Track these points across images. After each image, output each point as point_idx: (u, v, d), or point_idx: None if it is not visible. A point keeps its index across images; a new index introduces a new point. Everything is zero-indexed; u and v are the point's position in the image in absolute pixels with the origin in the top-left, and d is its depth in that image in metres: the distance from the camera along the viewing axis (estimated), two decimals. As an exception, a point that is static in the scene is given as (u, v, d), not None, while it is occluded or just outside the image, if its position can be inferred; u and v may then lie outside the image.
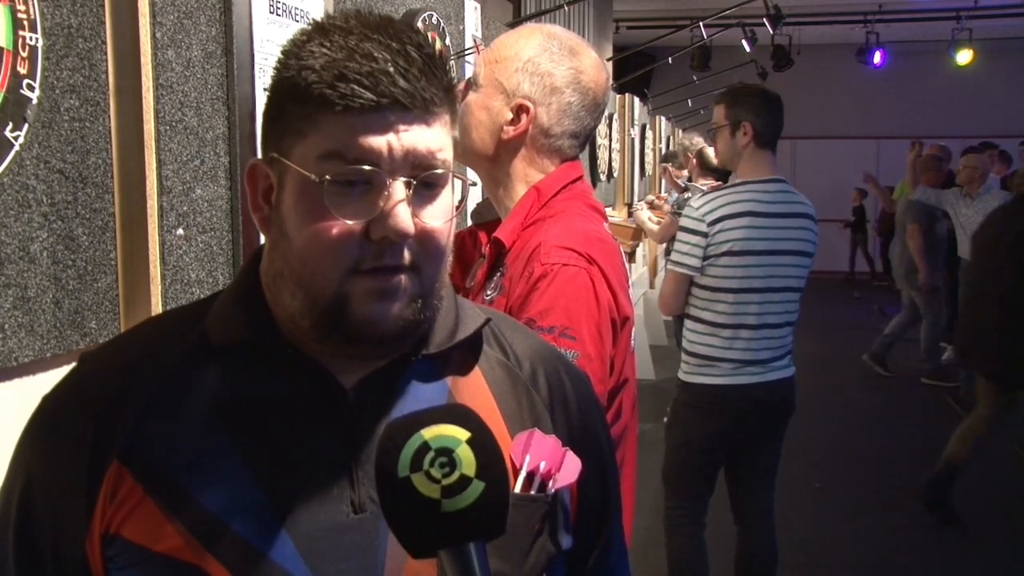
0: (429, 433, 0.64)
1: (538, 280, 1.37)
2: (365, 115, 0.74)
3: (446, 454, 0.63)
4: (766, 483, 3.03)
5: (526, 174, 1.52)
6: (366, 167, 0.74)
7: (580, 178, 1.53)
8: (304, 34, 0.78)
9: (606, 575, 0.96)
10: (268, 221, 0.81)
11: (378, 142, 0.74)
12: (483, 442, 0.65)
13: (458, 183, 0.82)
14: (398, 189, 0.75)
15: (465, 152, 1.53)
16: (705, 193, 2.96)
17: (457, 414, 0.66)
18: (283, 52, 0.78)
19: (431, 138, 0.77)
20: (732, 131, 2.90)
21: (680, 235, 2.86)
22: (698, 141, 5.64)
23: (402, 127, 0.75)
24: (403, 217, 0.74)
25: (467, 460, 0.63)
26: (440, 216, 0.79)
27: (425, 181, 0.77)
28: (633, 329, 1.48)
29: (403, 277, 0.77)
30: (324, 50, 0.75)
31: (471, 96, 1.53)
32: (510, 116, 1.48)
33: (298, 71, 0.75)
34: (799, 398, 2.96)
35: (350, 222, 0.75)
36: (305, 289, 0.77)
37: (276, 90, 0.78)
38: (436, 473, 0.63)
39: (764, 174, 2.88)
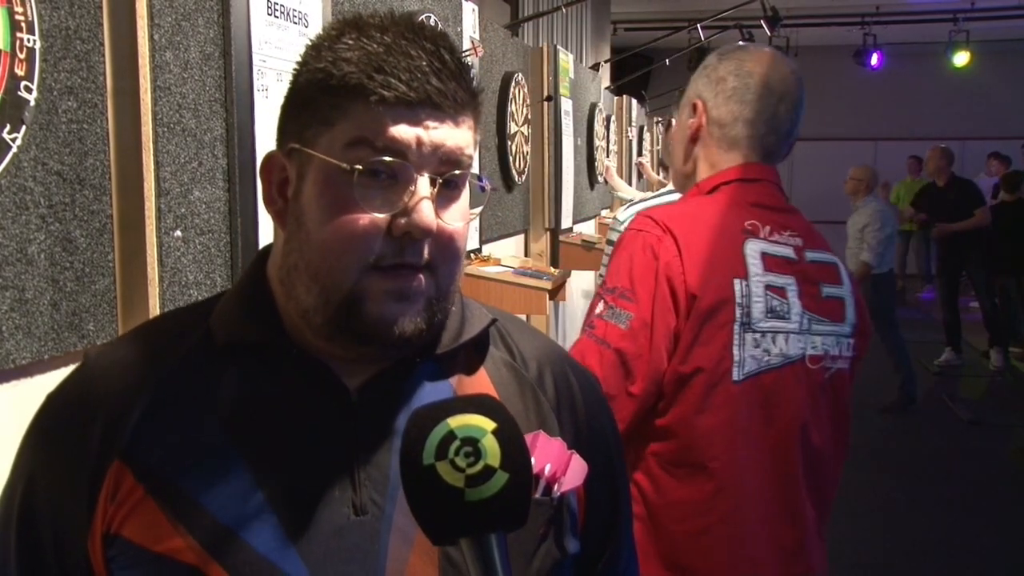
0: (455, 422, 0.64)
1: (616, 244, 1.48)
2: (397, 108, 0.74)
3: (471, 443, 0.63)
4: None
5: (705, 176, 1.56)
6: (393, 158, 0.74)
7: (749, 180, 1.51)
8: (335, 29, 0.78)
9: None
10: (283, 214, 0.80)
11: (407, 134, 0.74)
12: (508, 433, 0.65)
13: (478, 187, 0.83)
14: (423, 185, 0.75)
15: (673, 177, 1.66)
16: (632, 204, 2.89)
17: (484, 404, 0.66)
18: (311, 46, 0.78)
19: (459, 137, 0.77)
20: (666, 131, 2.88)
21: (608, 248, 2.79)
22: None
23: (432, 124, 0.75)
24: (427, 213, 0.74)
25: (492, 450, 0.63)
26: (460, 217, 0.79)
27: (449, 180, 0.77)
28: (736, 327, 1.41)
29: (421, 278, 0.76)
30: (362, 43, 0.75)
31: (674, 131, 1.66)
32: (691, 119, 1.58)
33: (333, 62, 0.75)
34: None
35: (376, 215, 0.74)
36: (321, 283, 0.76)
37: (303, 81, 0.78)
38: (461, 462, 0.63)
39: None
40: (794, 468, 1.46)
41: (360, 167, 0.74)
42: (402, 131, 0.74)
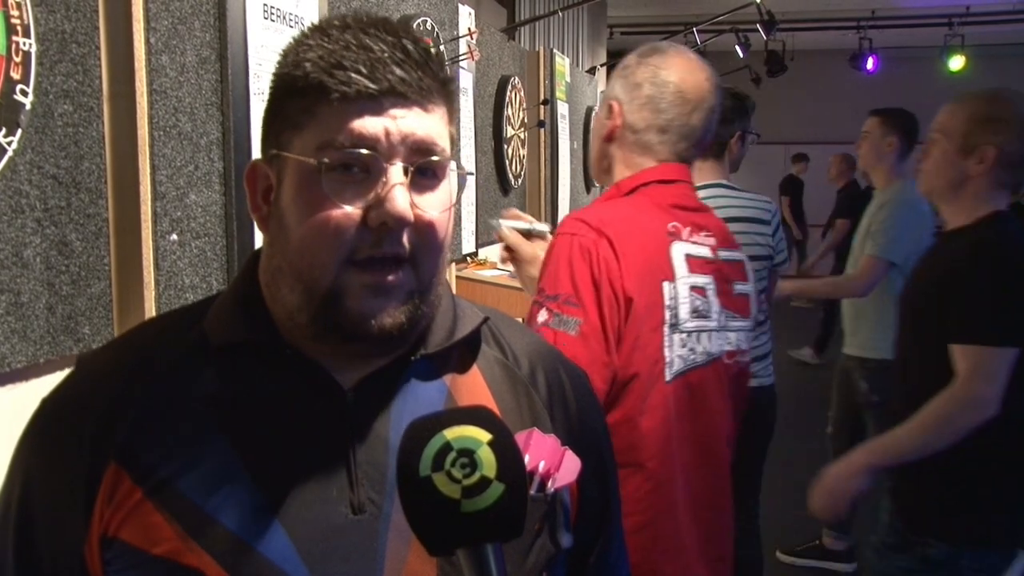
0: (451, 434, 0.64)
1: (549, 250, 1.48)
2: (362, 103, 0.74)
3: (468, 455, 0.64)
4: (751, 495, 3.01)
5: (622, 175, 1.59)
6: (362, 151, 0.74)
7: (667, 181, 1.56)
8: (303, 35, 0.79)
9: (607, 573, 0.96)
10: (267, 219, 0.81)
11: (374, 127, 0.74)
12: (504, 445, 0.65)
13: (456, 176, 0.82)
14: (395, 173, 0.75)
15: (593, 172, 1.69)
16: None
17: (479, 416, 0.66)
18: (282, 52, 0.79)
19: (429, 125, 0.77)
20: None
21: None
22: None
23: (399, 113, 0.75)
24: (400, 201, 0.74)
25: (488, 462, 0.64)
26: (438, 206, 0.79)
27: (423, 168, 0.77)
28: (666, 329, 1.44)
29: (400, 273, 0.77)
30: (322, 43, 0.75)
31: (593, 126, 1.69)
32: (607, 119, 1.60)
33: (295, 65, 0.76)
34: (800, 402, 2.92)
35: (348, 208, 0.75)
36: (304, 282, 0.77)
37: (275, 87, 0.79)
38: (457, 473, 0.63)
39: (703, 179, 2.83)
40: (720, 458, 1.53)
41: (327, 160, 0.74)
42: (367, 124, 0.74)
